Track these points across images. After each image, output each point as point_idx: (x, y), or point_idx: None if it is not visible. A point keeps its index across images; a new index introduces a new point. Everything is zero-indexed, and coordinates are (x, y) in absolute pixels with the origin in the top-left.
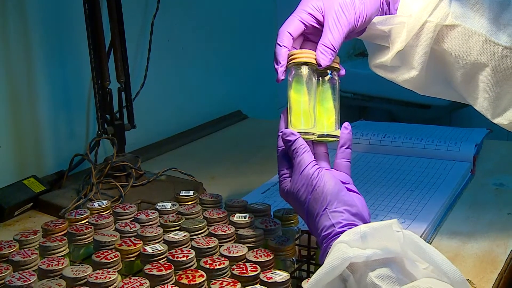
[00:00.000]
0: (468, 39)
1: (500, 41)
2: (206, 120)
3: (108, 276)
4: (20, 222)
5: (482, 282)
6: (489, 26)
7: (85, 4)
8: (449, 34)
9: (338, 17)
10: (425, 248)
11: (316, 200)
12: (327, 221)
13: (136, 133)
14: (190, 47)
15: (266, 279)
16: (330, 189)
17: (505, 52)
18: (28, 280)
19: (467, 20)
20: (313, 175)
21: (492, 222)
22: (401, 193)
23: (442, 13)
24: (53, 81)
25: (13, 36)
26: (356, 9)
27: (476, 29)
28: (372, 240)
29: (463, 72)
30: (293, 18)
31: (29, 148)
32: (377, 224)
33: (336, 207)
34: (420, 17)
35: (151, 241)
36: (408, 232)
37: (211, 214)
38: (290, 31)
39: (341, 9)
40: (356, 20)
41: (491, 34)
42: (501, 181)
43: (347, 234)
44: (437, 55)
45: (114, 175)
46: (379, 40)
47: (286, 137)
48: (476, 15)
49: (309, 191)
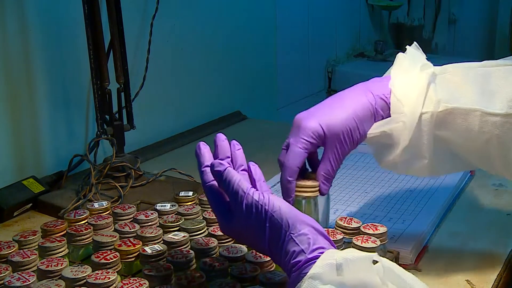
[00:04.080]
0: (466, 117)
1: (495, 109)
2: (205, 120)
3: (107, 277)
4: (19, 223)
5: (481, 283)
6: (480, 99)
7: (85, 5)
8: (446, 119)
9: (339, 148)
10: (405, 278)
11: (276, 226)
12: (294, 247)
13: (136, 134)
14: (190, 47)
15: (266, 279)
16: (287, 211)
17: (504, 118)
18: (27, 280)
19: (458, 101)
20: (263, 201)
21: (492, 222)
22: (400, 193)
23: (433, 102)
24: (52, 81)
25: (12, 36)
26: (355, 134)
27: (469, 106)
28: (348, 272)
29: (471, 148)
30: (298, 150)
31: (28, 148)
32: (353, 256)
33: (300, 229)
34: (415, 112)
35: (151, 241)
36: (387, 262)
37: (210, 215)
38: (298, 165)
39: (343, 140)
40: (356, 143)
41: (484, 107)
42: (500, 181)
43: (320, 266)
44: (442, 140)
45: (113, 176)
46: (382, 140)
47: (216, 168)
48: (464, 93)
49: (264, 219)
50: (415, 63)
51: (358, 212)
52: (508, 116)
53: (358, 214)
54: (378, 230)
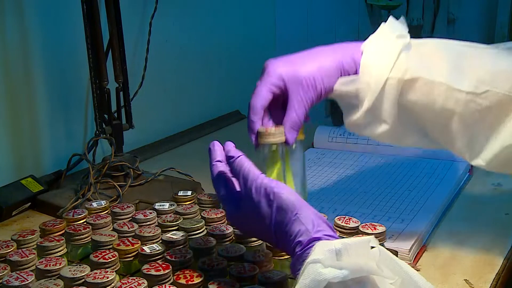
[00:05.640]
0: (431, 89)
1: (462, 87)
2: (204, 120)
3: (106, 276)
4: (18, 222)
5: (480, 282)
6: (449, 74)
7: (83, 4)
8: (412, 87)
9: (303, 95)
10: (399, 263)
11: (284, 207)
12: (300, 226)
13: (134, 133)
14: (188, 47)
15: (264, 278)
16: (294, 196)
17: (469, 97)
18: (26, 280)
19: (427, 72)
20: (271, 185)
21: (490, 222)
22: (399, 193)
23: (401, 69)
24: (51, 81)
25: (11, 36)
26: (319, 83)
27: (436, 79)
28: (347, 257)
29: (433, 121)
30: (262, 90)
31: (27, 147)
32: (351, 241)
33: (305, 211)
34: (381, 75)
35: (149, 241)
36: (382, 248)
37: (209, 214)
38: (262, 104)
39: (307, 85)
40: (320, 92)
41: (452, 82)
42: (499, 181)
43: (320, 251)
44: (406, 108)
45: (112, 175)
46: (347, 98)
47: (231, 153)
48: (435, 65)
49: (272, 200)
50: (394, 32)
51: (356, 211)
52: (473, 95)
53: (357, 214)
54: (376, 230)
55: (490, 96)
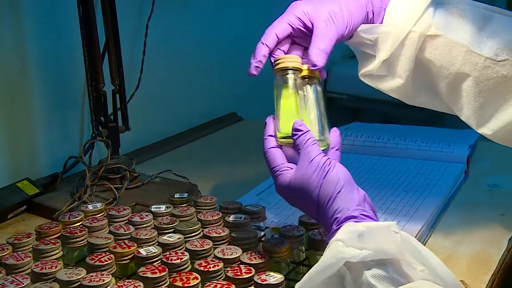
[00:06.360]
0: (451, 49)
1: (482, 52)
2: (201, 122)
3: (102, 279)
4: (13, 225)
5: (476, 283)
6: (471, 37)
7: (79, 6)
8: (432, 44)
9: (328, 25)
10: (421, 250)
11: (330, 183)
12: (340, 203)
13: (131, 135)
14: (185, 49)
15: (261, 281)
16: (343, 175)
17: (487, 63)
18: (21, 283)
19: (450, 31)
20: (325, 163)
21: (486, 223)
22: (395, 194)
23: (425, 24)
24: (47, 83)
25: (7, 38)
26: (344, 17)
27: (458, 40)
28: (369, 240)
29: (447, 82)
30: (281, 20)
31: (23, 150)
32: (374, 224)
33: (350, 191)
34: (405, 27)
35: (145, 243)
36: (406, 234)
37: (205, 216)
38: (277, 32)
39: (331, 17)
40: (344, 28)
41: (473, 45)
42: (494, 182)
43: (345, 231)
44: (422, 65)
45: (108, 178)
46: (365, 47)
47: (298, 126)
48: (459, 26)
49: (322, 175)
50: None
51: None
52: (492, 62)
53: None
54: None
55: (508, 65)
